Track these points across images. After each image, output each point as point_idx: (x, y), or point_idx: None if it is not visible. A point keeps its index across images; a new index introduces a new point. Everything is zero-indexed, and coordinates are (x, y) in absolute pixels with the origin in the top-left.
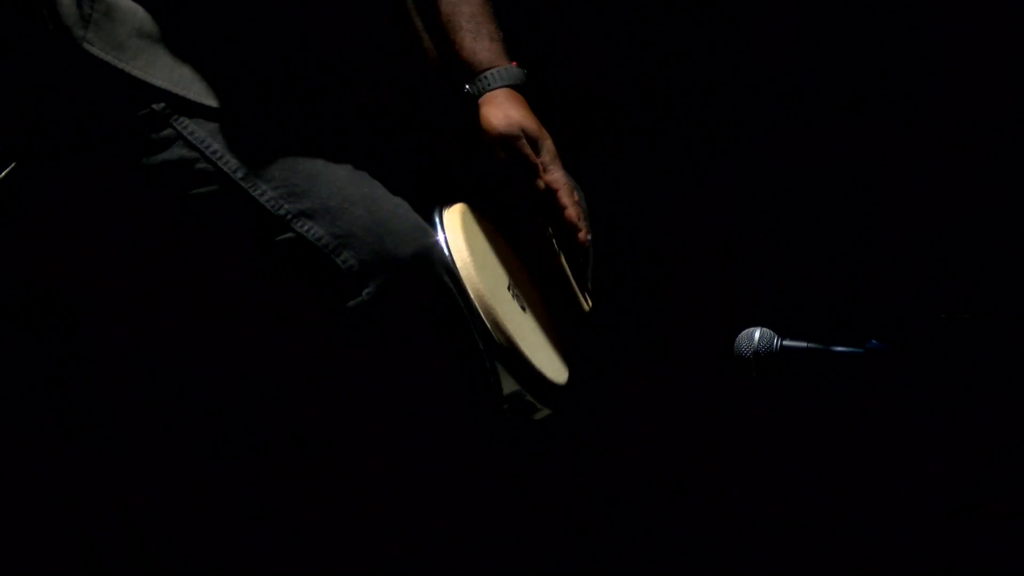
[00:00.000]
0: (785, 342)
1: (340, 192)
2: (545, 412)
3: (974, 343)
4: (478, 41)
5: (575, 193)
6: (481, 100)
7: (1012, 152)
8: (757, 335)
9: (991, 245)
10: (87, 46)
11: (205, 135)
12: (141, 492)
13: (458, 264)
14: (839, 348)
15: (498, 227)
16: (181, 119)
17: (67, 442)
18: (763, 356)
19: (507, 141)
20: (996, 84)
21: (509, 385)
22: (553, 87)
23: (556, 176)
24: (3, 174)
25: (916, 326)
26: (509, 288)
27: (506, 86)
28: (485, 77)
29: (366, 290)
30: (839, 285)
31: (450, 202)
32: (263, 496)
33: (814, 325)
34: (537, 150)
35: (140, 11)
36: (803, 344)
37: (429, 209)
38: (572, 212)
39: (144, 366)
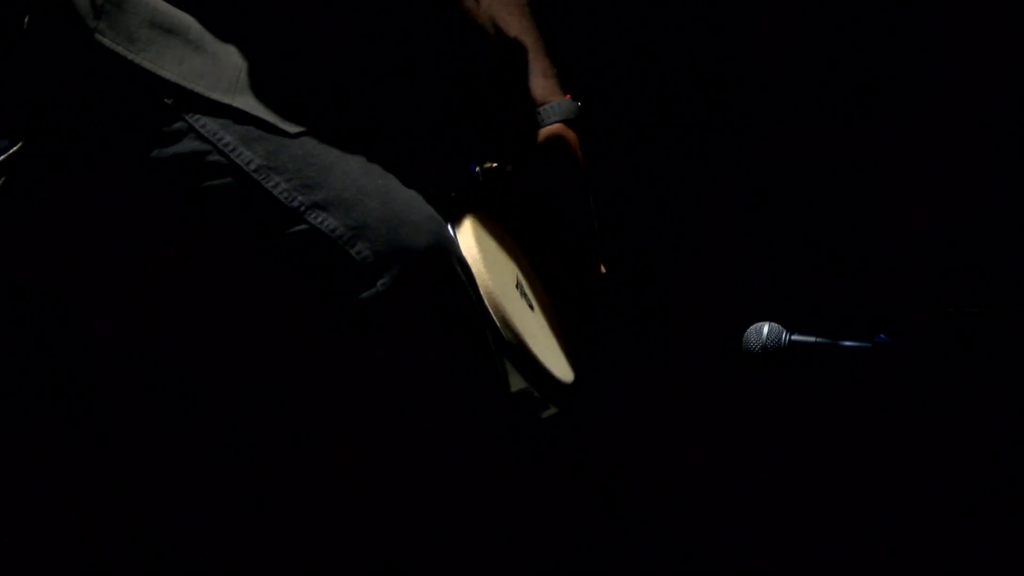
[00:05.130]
0: (794, 336)
1: (354, 183)
2: (552, 411)
3: (975, 341)
4: (532, 78)
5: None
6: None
7: (1012, 152)
8: (766, 330)
9: (991, 244)
10: (99, 37)
11: (217, 128)
12: (143, 492)
13: (467, 261)
14: (848, 343)
15: (508, 225)
16: (193, 112)
17: (68, 442)
18: (772, 351)
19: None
20: (996, 84)
21: (517, 382)
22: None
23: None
24: (10, 152)
25: (920, 323)
26: (518, 286)
27: (559, 121)
28: (538, 113)
29: (380, 281)
30: (842, 284)
31: (461, 199)
32: (269, 494)
33: (820, 322)
34: None
35: (151, 0)
36: (811, 339)
37: (440, 205)
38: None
39: (150, 364)
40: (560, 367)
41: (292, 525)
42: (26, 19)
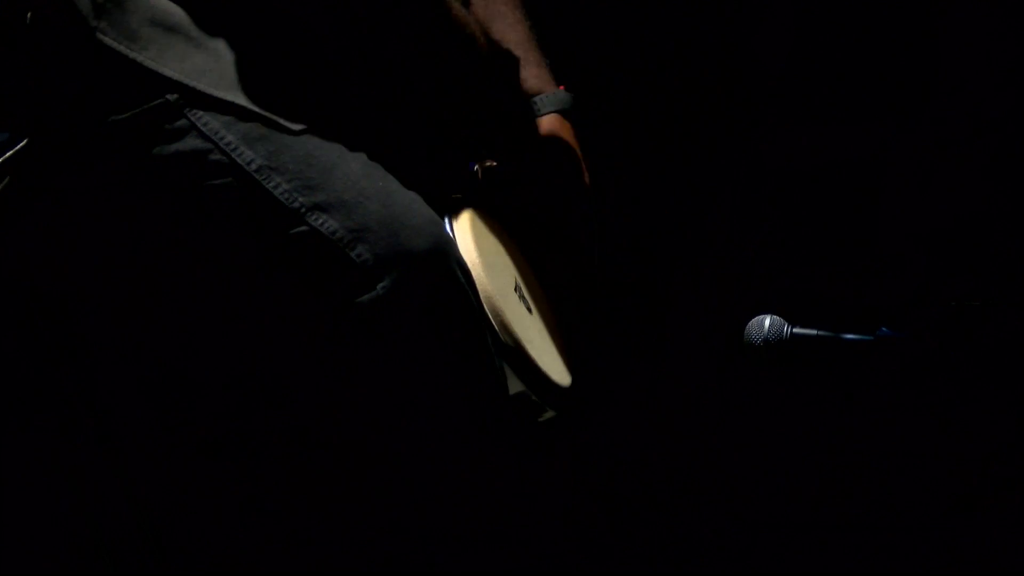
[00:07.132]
0: (795, 329)
1: (355, 186)
2: (550, 414)
3: (976, 337)
4: (525, 68)
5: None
6: None
7: (1012, 152)
8: (767, 322)
9: (991, 244)
10: (100, 35)
11: (219, 126)
12: (144, 491)
13: (467, 264)
14: (849, 335)
15: (506, 224)
16: (195, 110)
17: (67, 442)
18: (773, 343)
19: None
20: (996, 84)
21: (515, 386)
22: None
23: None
24: (14, 151)
25: (922, 317)
26: (517, 289)
27: (554, 112)
28: (533, 104)
29: (380, 284)
30: (843, 279)
31: (459, 201)
32: (268, 494)
33: (822, 315)
34: None
35: None
36: (813, 331)
37: (439, 207)
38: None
39: (150, 364)
40: (558, 371)
41: (290, 526)
42: (28, 16)
